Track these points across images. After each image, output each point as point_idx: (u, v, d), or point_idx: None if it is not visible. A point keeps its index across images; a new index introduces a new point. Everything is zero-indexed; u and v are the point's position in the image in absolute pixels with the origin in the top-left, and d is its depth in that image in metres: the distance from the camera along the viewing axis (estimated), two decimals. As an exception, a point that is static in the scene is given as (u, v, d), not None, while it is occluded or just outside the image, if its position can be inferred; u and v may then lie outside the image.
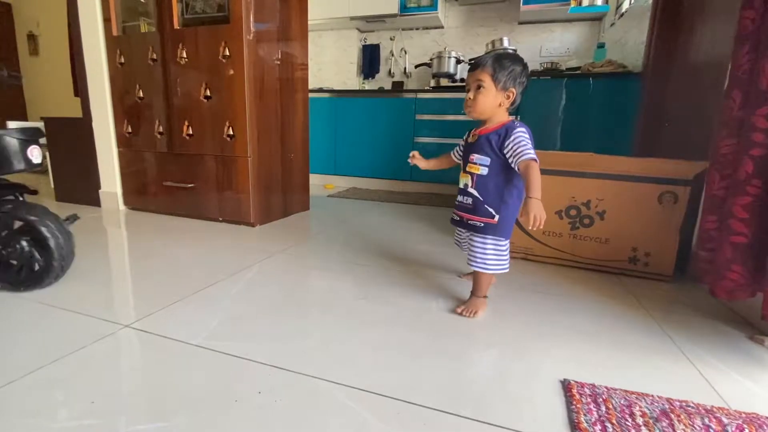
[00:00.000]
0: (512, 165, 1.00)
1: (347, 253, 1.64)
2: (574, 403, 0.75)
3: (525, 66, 1.04)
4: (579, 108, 2.51)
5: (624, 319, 1.13)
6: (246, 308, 1.10)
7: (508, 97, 1.03)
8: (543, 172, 1.49)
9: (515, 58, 1.03)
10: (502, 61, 1.01)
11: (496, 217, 1.05)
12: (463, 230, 1.15)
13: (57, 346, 0.89)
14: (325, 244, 1.76)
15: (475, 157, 1.06)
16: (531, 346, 0.96)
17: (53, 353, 0.86)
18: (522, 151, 0.97)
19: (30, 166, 1.08)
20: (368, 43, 3.89)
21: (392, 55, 3.83)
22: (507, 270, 1.11)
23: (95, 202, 2.34)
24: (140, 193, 2.24)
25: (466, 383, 0.81)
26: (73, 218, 1.28)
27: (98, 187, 2.32)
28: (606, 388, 0.80)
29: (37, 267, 1.14)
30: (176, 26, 1.95)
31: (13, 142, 1.04)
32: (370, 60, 3.85)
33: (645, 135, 2.14)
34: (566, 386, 0.80)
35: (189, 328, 0.99)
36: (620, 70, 2.41)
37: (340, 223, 2.15)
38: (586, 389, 0.79)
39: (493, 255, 1.08)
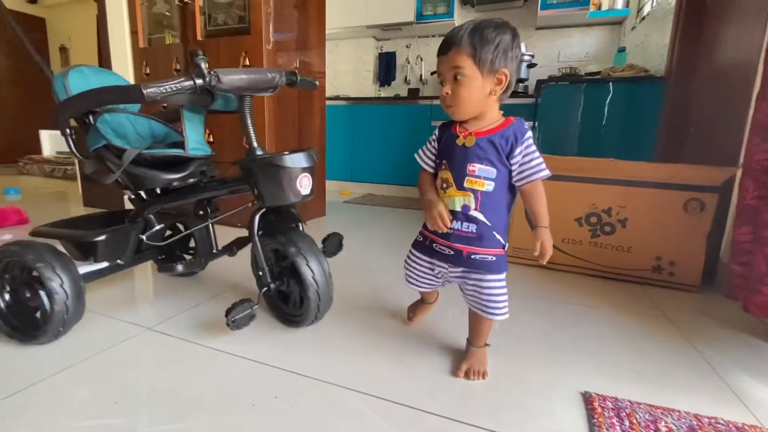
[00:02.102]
0: (516, 181, 0.79)
1: (363, 259, 1.64)
2: (596, 416, 0.72)
3: (515, 33, 0.76)
4: (599, 113, 2.46)
5: (648, 330, 1.09)
6: (264, 313, 1.11)
7: (500, 81, 0.76)
8: (562, 178, 1.48)
9: (499, 25, 0.74)
10: (483, 32, 0.73)
11: (506, 246, 0.82)
12: (455, 268, 0.84)
13: (83, 347, 0.91)
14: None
15: (477, 168, 0.78)
16: (550, 357, 0.94)
17: (79, 353, 0.89)
18: (536, 167, 0.76)
19: (299, 198, 0.92)
20: (384, 50, 3.92)
21: (408, 62, 3.84)
22: None
23: (120, 207, 2.41)
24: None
25: (483, 393, 0.80)
26: (337, 245, 1.10)
27: (123, 192, 2.39)
28: (629, 402, 0.77)
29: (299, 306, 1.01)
30: (199, 37, 2.01)
31: (294, 172, 0.89)
32: (386, 68, 3.88)
33: (668, 140, 2.09)
34: (587, 399, 0.78)
35: (209, 331, 1.00)
36: (642, 74, 2.36)
37: (356, 229, 2.15)
38: (608, 402, 0.77)
39: (506, 291, 0.83)
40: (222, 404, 0.74)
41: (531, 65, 3.02)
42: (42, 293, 0.87)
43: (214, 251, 1.20)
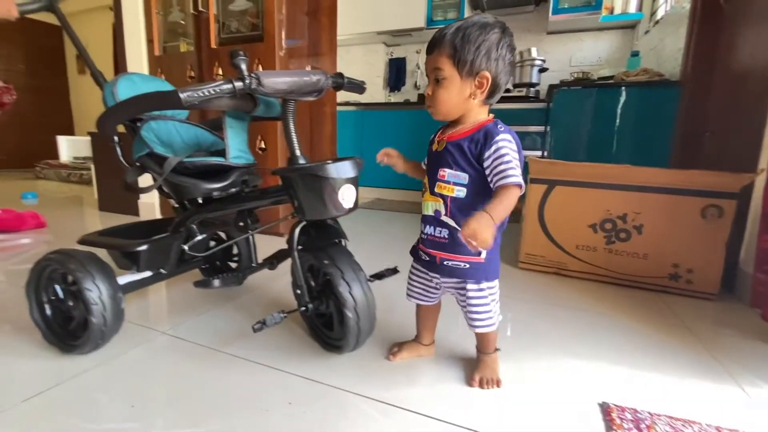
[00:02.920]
0: (491, 184, 0.72)
1: (373, 264, 1.64)
2: (614, 428, 0.71)
3: (504, 32, 0.71)
4: (612, 118, 2.44)
5: (667, 339, 1.07)
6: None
7: (481, 84, 0.72)
8: (576, 184, 1.47)
9: (486, 24, 0.70)
10: (466, 32, 0.70)
11: (483, 254, 0.76)
12: (436, 275, 0.82)
13: (99, 351, 0.92)
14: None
15: (446, 173, 0.76)
16: (567, 366, 0.93)
17: (95, 357, 0.90)
18: (505, 171, 0.69)
19: (342, 212, 0.84)
20: (394, 56, 3.94)
21: (418, 67, 3.85)
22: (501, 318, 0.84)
23: (134, 211, 2.45)
24: (176, 204, 2.33)
25: (497, 402, 0.79)
26: (389, 272, 1.01)
27: (137, 197, 2.43)
28: (649, 413, 0.75)
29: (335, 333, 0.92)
30: (213, 45, 2.04)
31: (336, 183, 0.81)
32: (396, 73, 3.90)
33: (684, 146, 2.06)
34: (605, 410, 0.76)
35: (223, 336, 1.01)
36: (656, 78, 2.33)
37: (366, 234, 2.15)
38: (627, 414, 0.75)
39: (493, 304, 0.80)
40: (236, 409, 0.74)
41: (542, 70, 3.01)
42: (81, 302, 0.86)
43: (254, 264, 1.14)
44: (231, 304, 1.20)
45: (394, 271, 0.98)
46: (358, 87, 1.01)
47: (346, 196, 0.83)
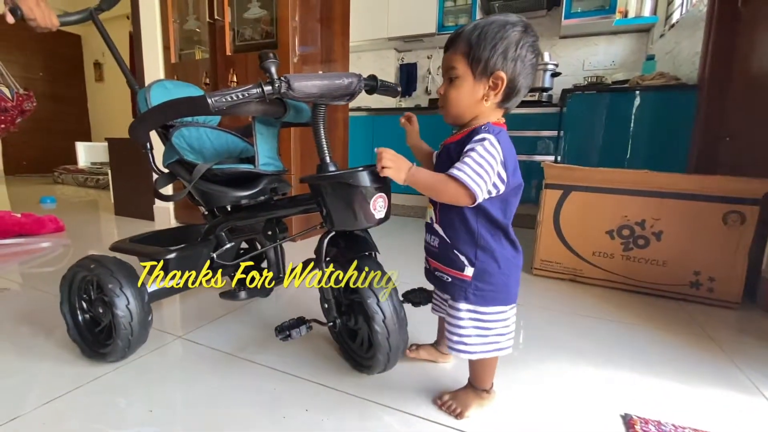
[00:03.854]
0: None
1: (386, 269, 1.63)
2: (639, 441, 0.69)
3: (526, 31, 0.66)
4: (627, 123, 2.40)
5: (689, 349, 1.04)
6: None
7: (495, 85, 0.66)
8: (593, 189, 1.45)
9: (507, 22, 0.65)
10: (484, 29, 0.65)
11: (468, 270, 0.70)
12: (439, 290, 0.80)
13: (118, 355, 0.93)
14: (365, 260, 1.76)
15: None
16: (587, 376, 0.91)
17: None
18: (456, 164, 0.65)
19: (373, 223, 0.78)
20: (405, 62, 3.95)
21: (429, 73, 3.86)
22: (508, 351, 0.72)
23: (149, 216, 2.49)
24: (190, 208, 2.36)
25: (517, 414, 0.77)
26: (424, 299, 0.93)
27: (153, 202, 2.47)
28: (673, 425, 0.73)
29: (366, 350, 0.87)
30: (228, 53, 2.07)
31: (368, 192, 0.75)
32: (407, 78, 3.91)
33: (702, 151, 2.02)
34: (628, 422, 0.75)
35: (238, 341, 1.01)
36: (673, 82, 2.30)
37: (379, 239, 2.14)
38: (651, 426, 0.73)
39: (474, 330, 0.71)
40: (253, 416, 0.74)
41: (555, 74, 2.99)
42: (110, 315, 0.86)
43: (281, 275, 1.12)
44: (246, 309, 1.21)
45: (429, 297, 0.92)
46: (392, 90, 0.97)
47: (378, 206, 0.77)
